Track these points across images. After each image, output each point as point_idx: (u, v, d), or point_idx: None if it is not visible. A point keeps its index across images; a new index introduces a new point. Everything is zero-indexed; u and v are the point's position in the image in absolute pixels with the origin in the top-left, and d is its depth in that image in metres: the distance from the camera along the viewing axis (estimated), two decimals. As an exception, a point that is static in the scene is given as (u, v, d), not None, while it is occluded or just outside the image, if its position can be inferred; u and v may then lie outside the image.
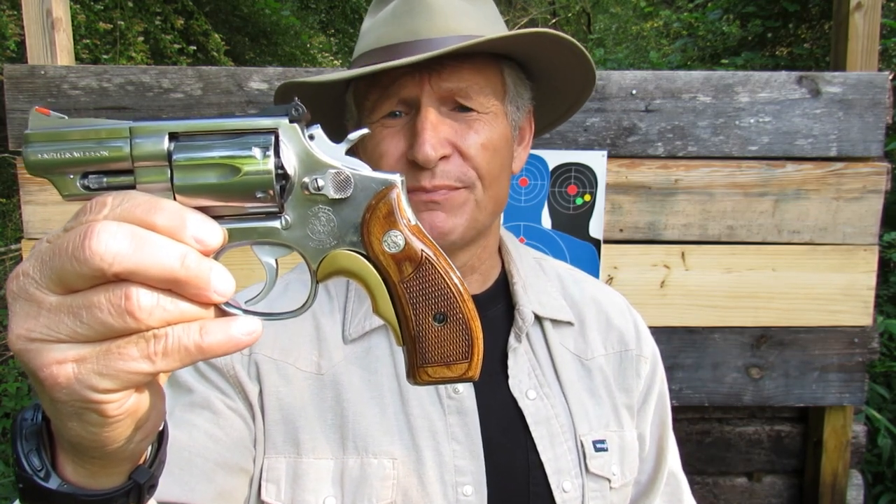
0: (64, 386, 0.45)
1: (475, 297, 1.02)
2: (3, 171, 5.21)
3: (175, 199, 0.49)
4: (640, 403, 1.09)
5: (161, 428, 0.59)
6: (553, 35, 0.92)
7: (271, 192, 0.50)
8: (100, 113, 1.79)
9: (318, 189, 0.52)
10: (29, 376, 0.47)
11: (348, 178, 0.52)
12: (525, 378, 1.00)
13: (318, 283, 0.55)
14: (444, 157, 0.90)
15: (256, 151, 0.50)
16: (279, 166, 0.51)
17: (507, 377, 0.99)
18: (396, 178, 0.54)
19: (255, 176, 0.50)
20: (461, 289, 0.55)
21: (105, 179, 0.50)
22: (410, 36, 0.91)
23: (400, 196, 0.54)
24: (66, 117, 0.51)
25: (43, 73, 1.78)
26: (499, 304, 1.05)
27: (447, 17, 0.92)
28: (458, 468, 0.93)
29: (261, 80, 1.82)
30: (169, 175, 0.49)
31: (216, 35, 5.72)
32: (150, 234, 0.45)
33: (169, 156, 0.49)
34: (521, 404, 0.97)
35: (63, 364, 0.45)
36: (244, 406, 0.93)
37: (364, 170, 0.53)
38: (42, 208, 1.80)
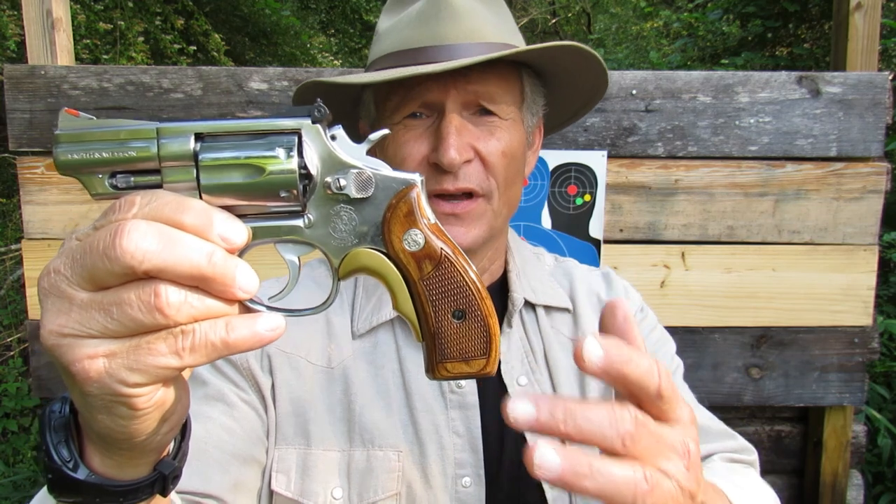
0: (95, 380, 0.46)
1: None
2: (3, 171, 5.21)
3: (201, 198, 0.51)
4: None
5: (185, 420, 0.61)
6: (579, 48, 0.95)
7: (295, 191, 0.51)
8: (100, 113, 1.79)
9: (341, 188, 0.53)
10: (60, 371, 0.49)
11: (370, 177, 0.54)
12: (517, 364, 1.02)
13: (339, 280, 0.56)
14: (466, 161, 0.92)
15: (280, 152, 0.51)
16: (302, 166, 0.52)
17: (499, 363, 1.00)
18: (416, 178, 0.55)
19: (279, 175, 0.51)
20: (479, 286, 0.56)
21: (132, 179, 0.52)
22: (436, 40, 0.93)
23: (420, 195, 0.55)
24: (95, 118, 0.52)
25: (43, 73, 1.78)
26: (498, 295, 1.07)
27: (472, 22, 0.94)
28: (459, 461, 0.95)
29: (261, 80, 1.82)
30: (195, 175, 0.51)
31: (216, 35, 5.72)
32: (179, 232, 0.46)
33: (195, 156, 0.51)
34: (510, 391, 1.00)
35: (94, 359, 0.46)
36: (257, 398, 0.95)
37: (385, 170, 0.55)
38: (42, 208, 1.80)
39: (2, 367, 3.99)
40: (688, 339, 1.91)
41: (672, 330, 1.94)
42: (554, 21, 10.67)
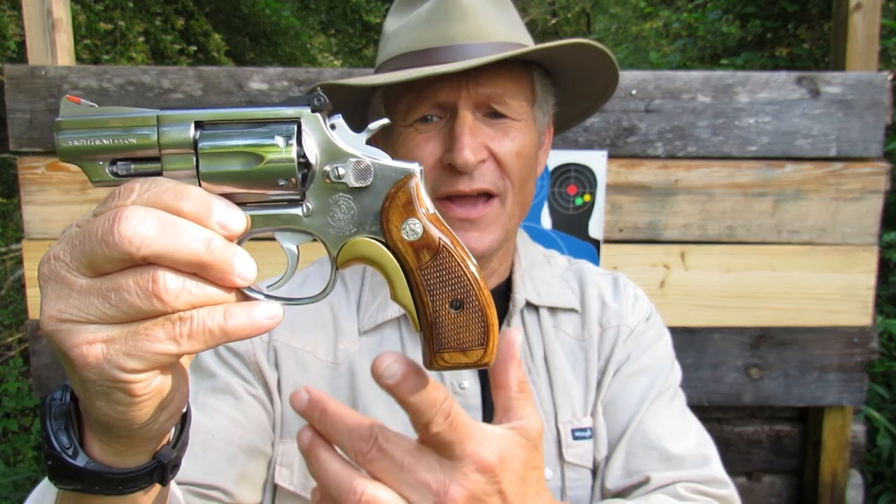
0: (93, 365, 0.46)
1: None
2: (3, 171, 5.21)
3: (200, 185, 0.51)
4: (619, 373, 1.05)
5: (185, 410, 0.61)
6: (590, 45, 0.95)
7: (293, 179, 0.52)
8: (100, 113, 1.79)
9: (339, 177, 0.53)
10: (59, 356, 0.49)
11: (368, 167, 0.54)
12: None
13: (337, 269, 0.56)
14: (481, 161, 0.92)
15: (279, 140, 0.51)
16: (301, 155, 0.52)
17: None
18: (415, 168, 0.55)
19: (278, 164, 0.51)
20: (477, 276, 0.56)
21: (133, 166, 0.52)
22: (446, 41, 0.92)
23: (419, 185, 0.55)
24: (96, 105, 0.52)
25: (43, 73, 1.78)
26: (501, 297, 1.07)
27: (481, 22, 0.93)
28: None
29: (261, 80, 1.82)
30: (194, 162, 0.51)
31: (216, 35, 5.72)
32: (177, 219, 0.46)
33: (195, 144, 0.51)
34: None
35: (93, 344, 0.46)
36: (264, 392, 0.97)
37: (384, 159, 0.55)
38: (42, 208, 1.81)
39: (2, 367, 3.99)
40: (687, 339, 1.92)
41: (672, 330, 1.94)
42: (554, 21, 10.67)
